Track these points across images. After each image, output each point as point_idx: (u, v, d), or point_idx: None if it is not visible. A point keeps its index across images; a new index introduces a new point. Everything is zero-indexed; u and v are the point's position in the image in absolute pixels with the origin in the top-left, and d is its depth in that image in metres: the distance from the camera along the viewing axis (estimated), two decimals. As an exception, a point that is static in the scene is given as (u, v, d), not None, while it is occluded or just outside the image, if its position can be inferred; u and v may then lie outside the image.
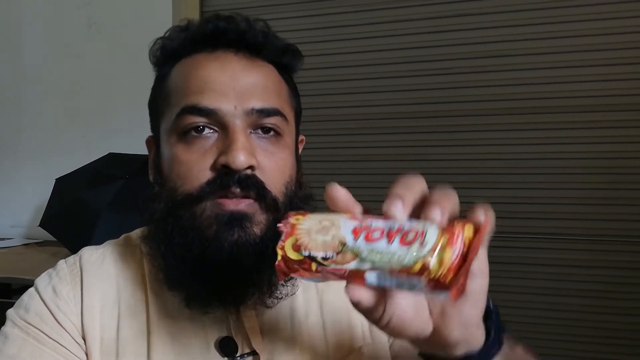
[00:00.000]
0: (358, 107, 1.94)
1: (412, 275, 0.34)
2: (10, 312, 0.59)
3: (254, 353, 0.58)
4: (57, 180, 1.91)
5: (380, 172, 1.93)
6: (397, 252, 0.34)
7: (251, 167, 0.54)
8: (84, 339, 0.58)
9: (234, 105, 0.55)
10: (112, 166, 1.82)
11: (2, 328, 0.58)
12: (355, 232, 0.36)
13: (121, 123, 2.17)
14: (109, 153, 1.91)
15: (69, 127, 2.29)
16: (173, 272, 0.57)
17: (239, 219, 0.53)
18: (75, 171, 1.90)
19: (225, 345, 0.58)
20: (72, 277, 0.60)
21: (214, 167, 0.55)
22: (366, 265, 0.35)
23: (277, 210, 0.55)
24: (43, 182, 2.03)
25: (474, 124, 1.84)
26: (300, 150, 0.66)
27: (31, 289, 0.61)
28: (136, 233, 0.66)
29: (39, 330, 0.57)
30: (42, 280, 0.61)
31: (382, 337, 0.65)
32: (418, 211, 0.37)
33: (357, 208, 0.39)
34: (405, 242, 0.34)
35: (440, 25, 1.86)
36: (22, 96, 2.35)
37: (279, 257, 0.37)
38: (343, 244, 0.36)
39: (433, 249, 0.34)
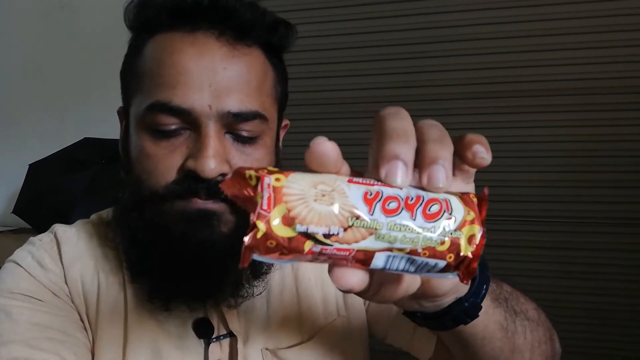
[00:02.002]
0: (344, 90, 1.92)
1: (435, 255, 0.28)
2: None
3: (230, 334, 0.58)
4: (31, 165, 1.87)
5: (365, 157, 1.93)
6: (423, 227, 0.28)
7: (222, 174, 0.51)
8: (74, 305, 0.57)
9: (209, 104, 0.51)
10: (88, 151, 1.78)
11: None
12: (368, 202, 0.28)
13: (96, 107, 2.12)
14: (84, 138, 1.87)
15: (42, 112, 2.23)
16: (136, 265, 0.56)
17: (207, 217, 0.51)
18: (49, 156, 1.85)
19: (201, 327, 0.57)
20: (52, 252, 0.60)
21: (181, 169, 0.51)
22: (381, 245, 0.27)
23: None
24: (16, 168, 1.98)
25: (449, 107, 1.84)
26: (282, 135, 0.63)
27: (11, 265, 0.58)
28: (107, 212, 0.64)
29: (37, 299, 0.55)
30: (23, 258, 0.59)
31: (357, 306, 0.65)
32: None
33: (347, 168, 0.31)
34: (429, 215, 0.28)
35: (423, 7, 1.84)
36: (-8, 79, 2.28)
37: (259, 234, 0.27)
38: (356, 217, 0.27)
39: (462, 225, 0.28)
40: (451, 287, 0.37)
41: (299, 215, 0.27)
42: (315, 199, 0.27)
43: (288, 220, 0.27)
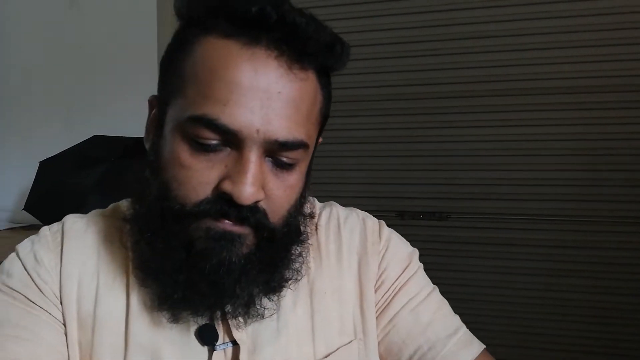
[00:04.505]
0: (342, 89, 1.93)
1: None
2: None
3: (235, 343, 0.57)
4: (41, 163, 1.89)
5: (366, 155, 1.93)
6: None
7: (257, 201, 0.50)
8: (61, 305, 0.57)
9: (257, 129, 0.48)
10: (97, 149, 1.80)
11: None
12: None
13: (105, 104, 2.13)
14: (94, 135, 1.88)
15: (51, 109, 2.24)
16: (149, 269, 0.54)
17: (231, 239, 0.50)
18: (59, 154, 1.87)
19: (206, 334, 0.56)
20: (54, 245, 0.59)
21: (216, 188, 0.50)
22: None
23: (272, 236, 0.52)
24: (27, 165, 2.00)
25: (457, 105, 1.84)
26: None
27: (12, 255, 0.59)
28: (124, 205, 0.63)
29: (24, 295, 0.56)
30: (24, 247, 0.59)
31: (374, 333, 0.63)
32: None
33: None
34: None
35: (425, 6, 1.85)
36: (3, 78, 2.30)
37: None
38: None
39: None
40: None
41: None
42: None
43: None
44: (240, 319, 0.55)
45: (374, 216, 0.70)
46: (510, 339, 1.84)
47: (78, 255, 0.58)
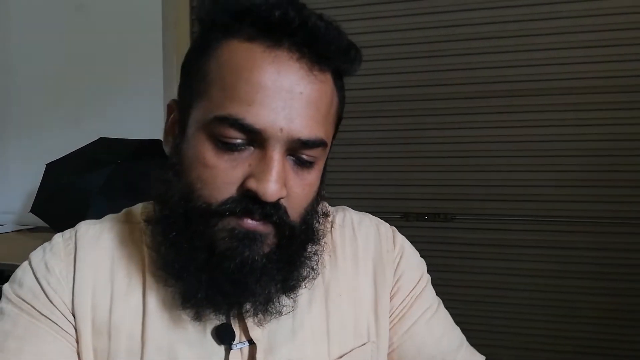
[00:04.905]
0: (346, 90, 1.92)
1: None
2: (5, 287, 0.59)
3: (251, 342, 0.57)
4: (48, 165, 1.90)
5: (369, 156, 1.93)
6: None
7: (280, 198, 0.52)
8: (73, 315, 0.57)
9: (281, 127, 0.50)
10: (103, 151, 1.81)
11: None
12: None
13: (111, 107, 2.14)
14: (100, 138, 1.89)
15: (58, 112, 2.26)
16: (174, 268, 0.55)
17: (253, 238, 0.52)
18: (65, 156, 1.88)
19: (222, 333, 0.57)
20: (66, 253, 0.59)
21: (241, 187, 0.51)
22: None
23: (292, 234, 0.54)
24: (34, 168, 2.01)
25: (468, 106, 1.83)
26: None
27: (25, 263, 0.60)
28: (138, 209, 0.64)
29: (32, 306, 0.56)
30: (36, 255, 0.60)
31: (386, 336, 0.64)
32: None
33: None
34: None
35: (433, 7, 1.84)
36: (10, 81, 2.31)
37: None
38: None
39: None
40: None
41: None
42: None
43: None
44: (260, 315, 0.56)
45: (379, 218, 0.72)
46: (517, 340, 1.83)
47: (92, 262, 0.59)
